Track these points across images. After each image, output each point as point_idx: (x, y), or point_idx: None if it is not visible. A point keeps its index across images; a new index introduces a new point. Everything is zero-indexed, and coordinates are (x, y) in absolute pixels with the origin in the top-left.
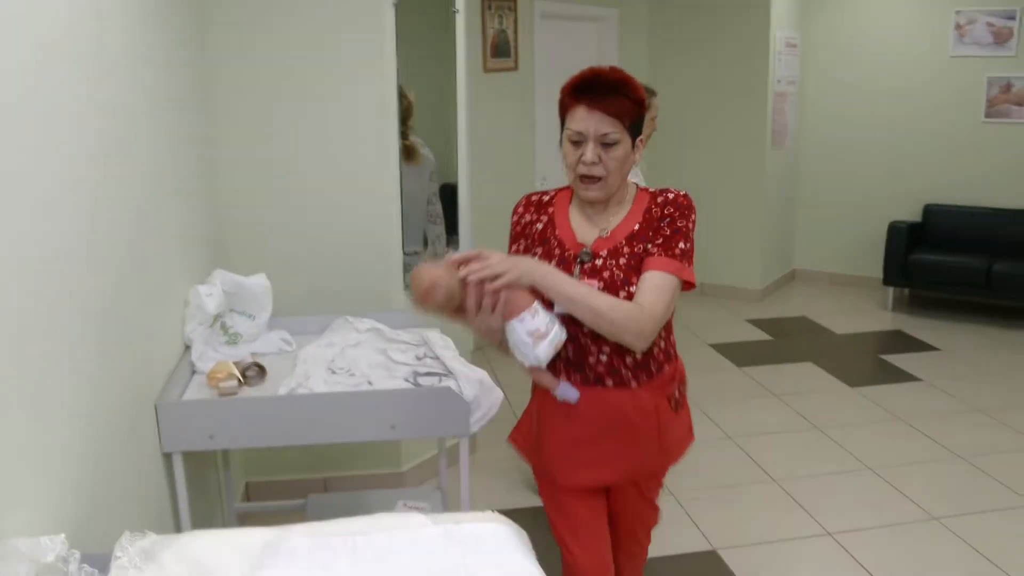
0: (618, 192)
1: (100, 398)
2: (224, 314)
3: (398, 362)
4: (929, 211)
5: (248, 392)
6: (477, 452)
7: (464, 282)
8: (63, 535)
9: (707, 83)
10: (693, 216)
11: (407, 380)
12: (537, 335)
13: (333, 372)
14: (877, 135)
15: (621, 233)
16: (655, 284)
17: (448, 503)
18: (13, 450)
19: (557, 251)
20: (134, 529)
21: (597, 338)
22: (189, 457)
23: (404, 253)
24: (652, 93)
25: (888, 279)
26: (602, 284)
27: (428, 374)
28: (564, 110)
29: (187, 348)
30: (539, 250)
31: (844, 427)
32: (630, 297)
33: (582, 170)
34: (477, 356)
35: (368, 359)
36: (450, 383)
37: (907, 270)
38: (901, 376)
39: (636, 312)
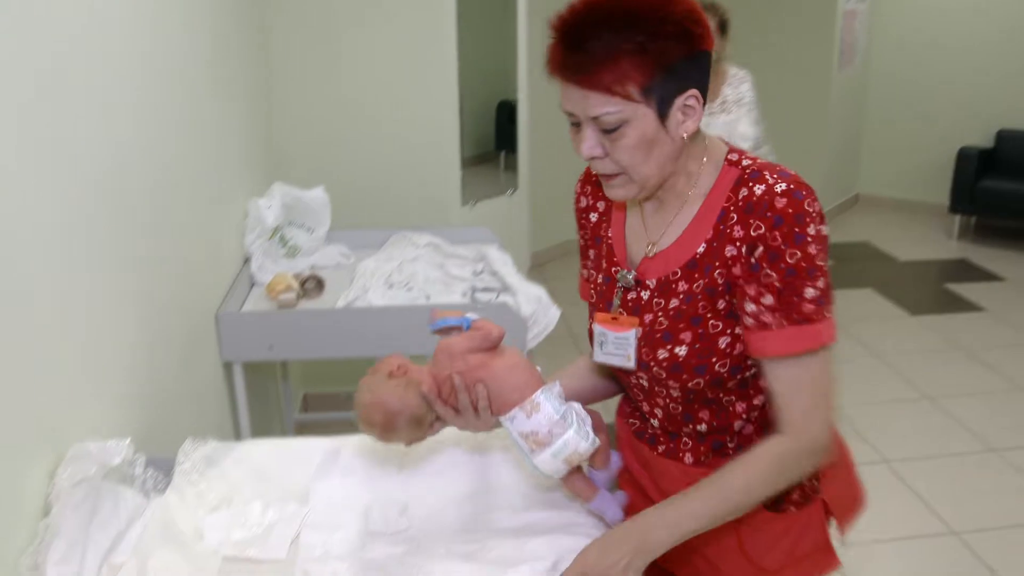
0: (675, 183)
1: (162, 308)
2: (283, 227)
3: (456, 277)
4: (1002, 137)
5: (306, 304)
6: None
7: (438, 388)
8: (128, 439)
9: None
10: (813, 228)
11: (465, 295)
12: (535, 440)
13: (391, 286)
14: (951, 56)
15: (677, 256)
16: (791, 384)
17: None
18: (79, 358)
19: (605, 263)
20: (196, 437)
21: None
22: (249, 367)
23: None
24: (716, 12)
25: (955, 206)
26: (641, 333)
27: (485, 289)
28: None
29: (247, 260)
30: (592, 253)
31: (904, 355)
32: (672, 360)
33: (592, 166)
34: (534, 273)
35: (426, 273)
36: (507, 299)
37: (975, 197)
38: (964, 306)
39: (786, 453)
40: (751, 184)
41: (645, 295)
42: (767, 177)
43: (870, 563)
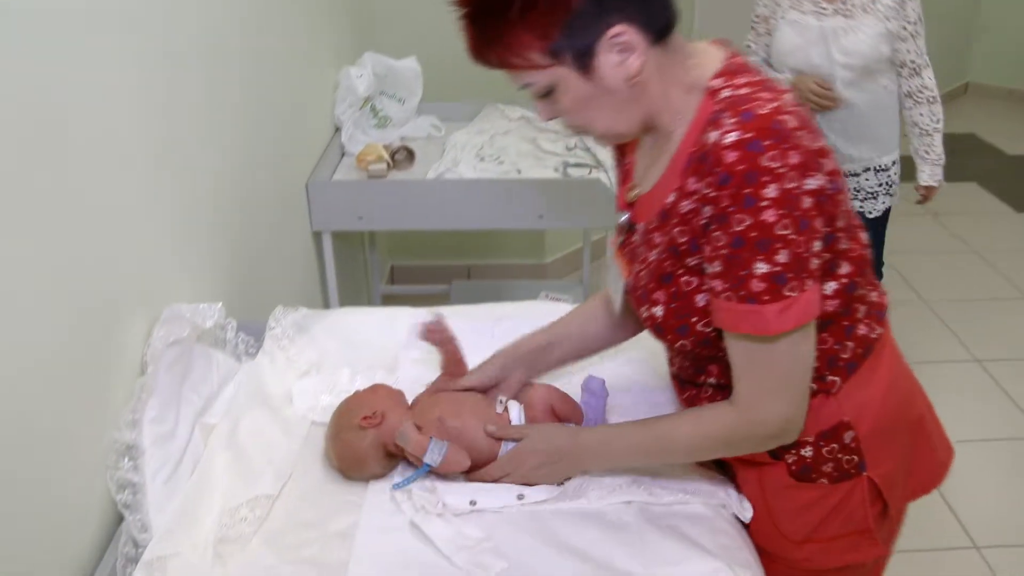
0: (660, 119)
1: (255, 176)
2: (374, 97)
3: (548, 151)
4: None
5: (396, 175)
6: None
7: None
8: (220, 304)
9: None
10: (773, 189)
11: (556, 170)
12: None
13: (482, 159)
14: None
15: (652, 203)
16: (743, 361)
17: (589, 296)
18: (174, 223)
19: (619, 197)
20: (286, 304)
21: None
22: (338, 237)
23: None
24: None
25: None
26: (629, 285)
27: (578, 165)
28: None
29: (337, 130)
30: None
31: (1005, 253)
32: (652, 321)
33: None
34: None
35: (517, 147)
36: (600, 175)
37: None
38: None
39: (735, 428)
40: (709, 128)
41: (637, 240)
42: (724, 120)
43: (956, 462)
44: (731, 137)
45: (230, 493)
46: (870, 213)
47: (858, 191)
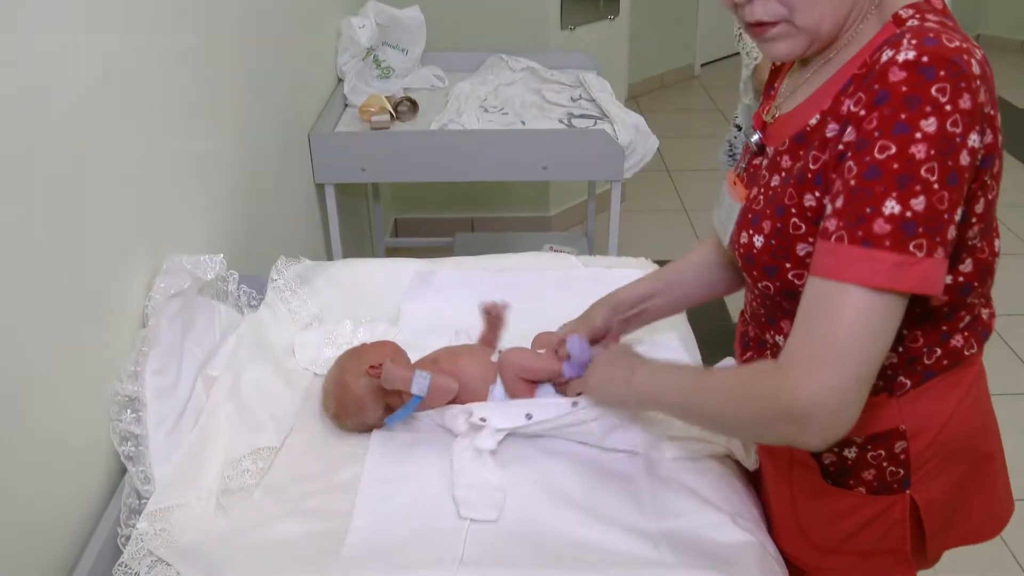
0: (844, 33)
1: (256, 127)
2: (377, 47)
3: (552, 103)
4: None
5: (400, 126)
6: (627, 200)
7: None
8: (221, 255)
9: None
10: (931, 124)
11: (561, 121)
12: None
13: (486, 110)
14: None
15: (791, 124)
16: (810, 307)
17: (595, 250)
18: (175, 175)
19: (755, 117)
20: (289, 256)
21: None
22: (341, 190)
23: None
24: None
25: None
26: (742, 207)
27: (583, 116)
28: None
29: (340, 81)
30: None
31: (1014, 207)
32: (748, 249)
33: (743, 14)
34: (629, 105)
35: (522, 98)
36: (605, 127)
37: None
38: None
39: (768, 382)
40: (886, 47)
41: (764, 164)
42: (904, 40)
43: None
44: (906, 55)
45: (232, 445)
46: None
47: None
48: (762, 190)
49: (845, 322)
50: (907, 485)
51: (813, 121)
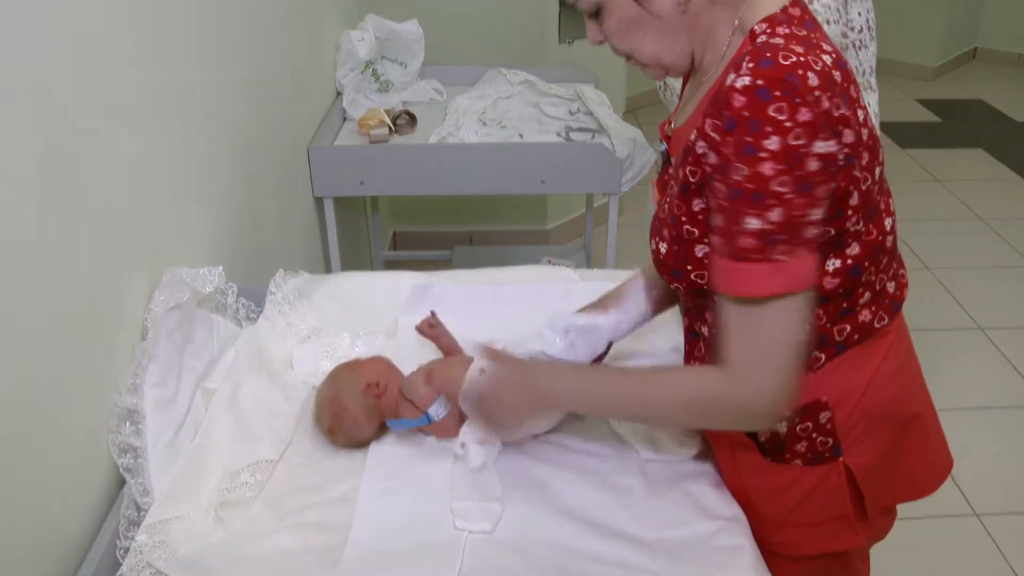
0: (703, 56)
1: (256, 141)
2: (375, 61)
3: (550, 116)
4: None
5: (398, 140)
6: (624, 213)
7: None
8: (220, 268)
9: None
10: (775, 142)
11: (559, 134)
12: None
13: (484, 123)
14: None
15: (682, 137)
16: (733, 322)
17: (593, 263)
18: (175, 188)
19: (661, 128)
20: (287, 269)
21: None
22: (339, 203)
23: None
24: None
25: None
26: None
27: (581, 129)
28: None
29: (338, 94)
30: None
31: (1011, 220)
32: (656, 255)
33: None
34: (627, 119)
35: (520, 111)
36: (603, 140)
37: None
38: None
39: (718, 398)
40: (732, 70)
41: (671, 174)
42: (744, 63)
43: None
44: (742, 81)
45: (231, 458)
46: None
47: None
48: (666, 200)
49: (762, 332)
50: (838, 452)
51: (692, 137)
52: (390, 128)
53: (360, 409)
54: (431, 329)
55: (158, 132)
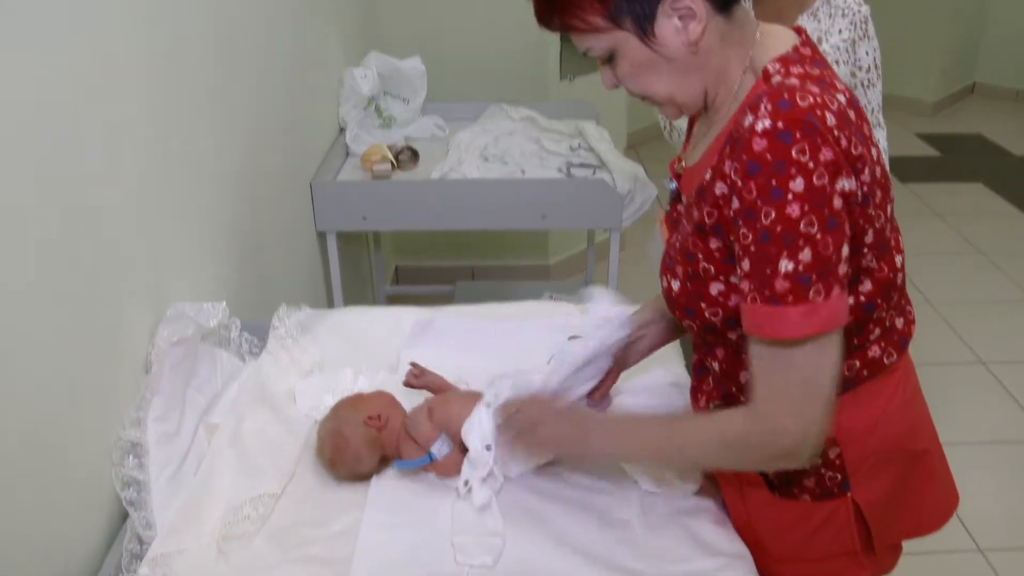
0: (716, 94)
1: (259, 176)
2: (378, 97)
3: (552, 152)
4: None
5: (401, 175)
6: (625, 249)
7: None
8: (224, 303)
9: None
10: (799, 183)
11: (560, 170)
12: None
13: (486, 159)
14: None
15: (694, 177)
16: (763, 364)
17: None
18: (178, 223)
19: (671, 165)
20: (290, 303)
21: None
22: (342, 237)
23: (562, 40)
24: None
25: None
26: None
27: (582, 165)
28: None
29: (341, 130)
30: None
31: (1011, 255)
32: (668, 292)
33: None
34: (629, 154)
35: (521, 147)
36: (604, 175)
37: None
38: None
39: (743, 438)
40: (749, 111)
41: (682, 211)
42: (761, 106)
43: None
44: (763, 124)
45: (234, 491)
46: None
47: None
48: (678, 237)
49: (793, 373)
50: (847, 488)
51: (707, 177)
52: (393, 164)
53: (361, 441)
54: (418, 379)
55: (163, 167)
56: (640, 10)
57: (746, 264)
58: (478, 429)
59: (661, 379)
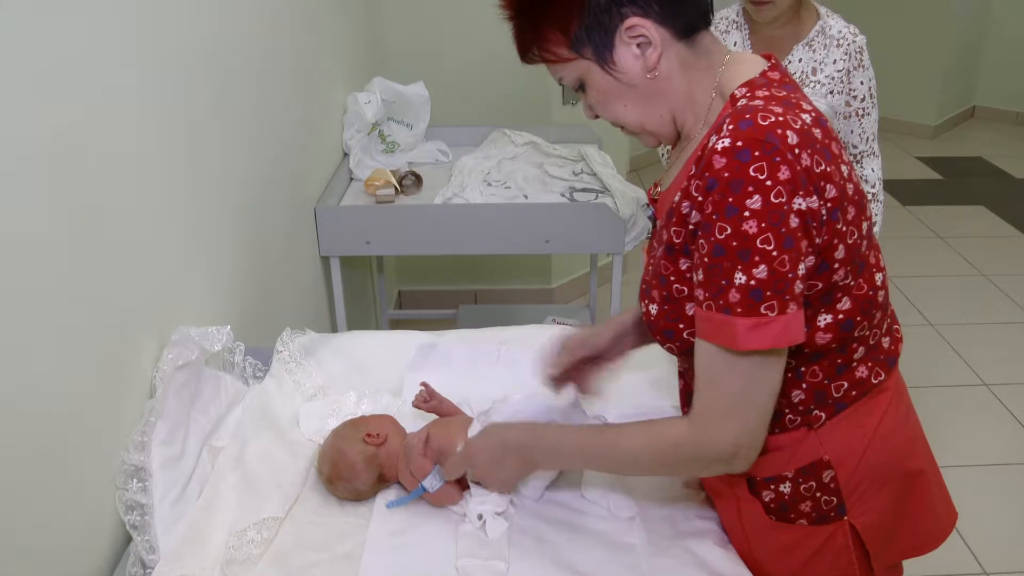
0: (685, 120)
1: (263, 201)
2: (382, 122)
3: (555, 176)
4: None
5: (404, 200)
6: (628, 273)
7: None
8: (228, 327)
9: None
10: (756, 201)
11: (563, 195)
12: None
13: (489, 184)
14: None
15: (667, 200)
16: (706, 372)
17: (597, 322)
18: (183, 249)
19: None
20: (294, 328)
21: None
22: (346, 262)
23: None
24: None
25: None
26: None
27: (584, 190)
28: None
29: (345, 155)
30: None
31: (1013, 276)
32: (647, 317)
33: None
34: (631, 178)
35: (524, 172)
36: (606, 200)
37: None
38: None
39: (682, 445)
40: (714, 133)
41: (655, 237)
42: (724, 126)
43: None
44: (723, 143)
45: (237, 515)
46: None
47: None
48: (652, 261)
49: (735, 381)
50: (843, 511)
51: (676, 198)
52: (396, 188)
53: (358, 457)
54: (427, 403)
55: (168, 193)
56: (599, 39)
57: (700, 275)
58: None
59: (665, 404)
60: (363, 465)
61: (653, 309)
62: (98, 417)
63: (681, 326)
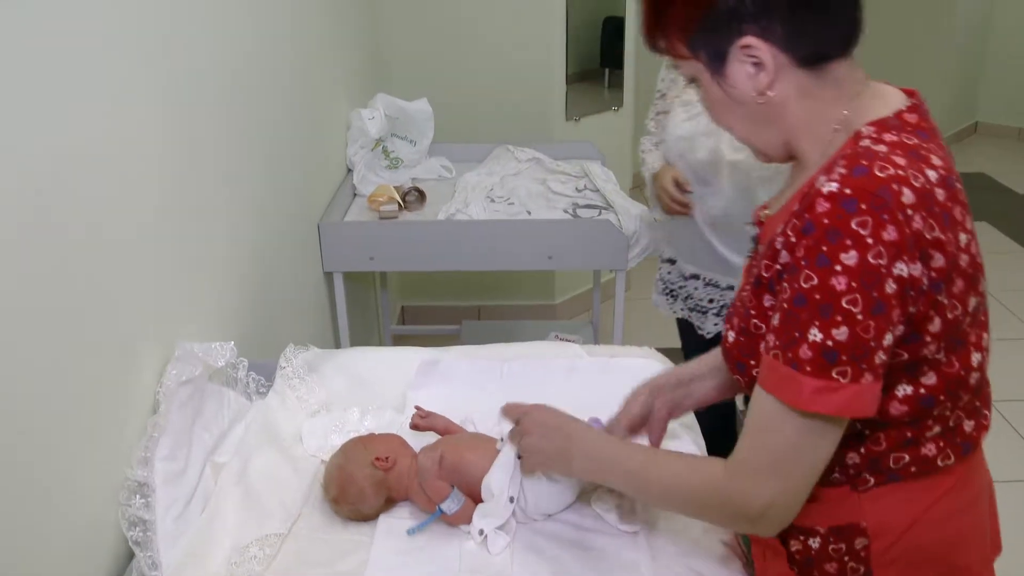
0: (800, 146)
1: (267, 217)
2: (386, 138)
3: (558, 193)
4: None
5: (408, 216)
6: (631, 289)
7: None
8: (232, 343)
9: None
10: (852, 257)
11: (566, 211)
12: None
13: (492, 200)
14: None
15: (772, 228)
16: (757, 421)
17: (600, 338)
18: (187, 264)
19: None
20: (297, 343)
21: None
22: (349, 278)
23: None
24: None
25: None
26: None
27: (588, 206)
28: None
29: (349, 171)
30: None
31: (1016, 292)
32: (723, 343)
33: None
34: (634, 194)
35: (528, 188)
36: (610, 216)
37: None
38: None
39: (716, 492)
40: (822, 173)
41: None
42: (836, 167)
43: None
44: (830, 187)
45: (240, 531)
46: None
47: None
48: (744, 288)
49: (785, 438)
50: (867, 574)
51: (779, 229)
52: (400, 204)
53: (367, 482)
54: (424, 421)
55: (171, 208)
56: (714, 48)
57: (776, 320)
58: (504, 478)
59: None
60: (372, 490)
61: (731, 336)
62: (101, 432)
63: (752, 363)
